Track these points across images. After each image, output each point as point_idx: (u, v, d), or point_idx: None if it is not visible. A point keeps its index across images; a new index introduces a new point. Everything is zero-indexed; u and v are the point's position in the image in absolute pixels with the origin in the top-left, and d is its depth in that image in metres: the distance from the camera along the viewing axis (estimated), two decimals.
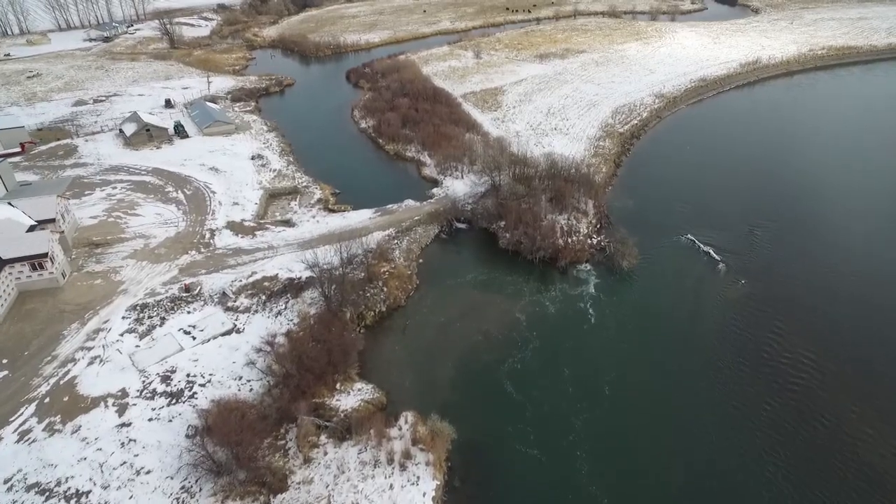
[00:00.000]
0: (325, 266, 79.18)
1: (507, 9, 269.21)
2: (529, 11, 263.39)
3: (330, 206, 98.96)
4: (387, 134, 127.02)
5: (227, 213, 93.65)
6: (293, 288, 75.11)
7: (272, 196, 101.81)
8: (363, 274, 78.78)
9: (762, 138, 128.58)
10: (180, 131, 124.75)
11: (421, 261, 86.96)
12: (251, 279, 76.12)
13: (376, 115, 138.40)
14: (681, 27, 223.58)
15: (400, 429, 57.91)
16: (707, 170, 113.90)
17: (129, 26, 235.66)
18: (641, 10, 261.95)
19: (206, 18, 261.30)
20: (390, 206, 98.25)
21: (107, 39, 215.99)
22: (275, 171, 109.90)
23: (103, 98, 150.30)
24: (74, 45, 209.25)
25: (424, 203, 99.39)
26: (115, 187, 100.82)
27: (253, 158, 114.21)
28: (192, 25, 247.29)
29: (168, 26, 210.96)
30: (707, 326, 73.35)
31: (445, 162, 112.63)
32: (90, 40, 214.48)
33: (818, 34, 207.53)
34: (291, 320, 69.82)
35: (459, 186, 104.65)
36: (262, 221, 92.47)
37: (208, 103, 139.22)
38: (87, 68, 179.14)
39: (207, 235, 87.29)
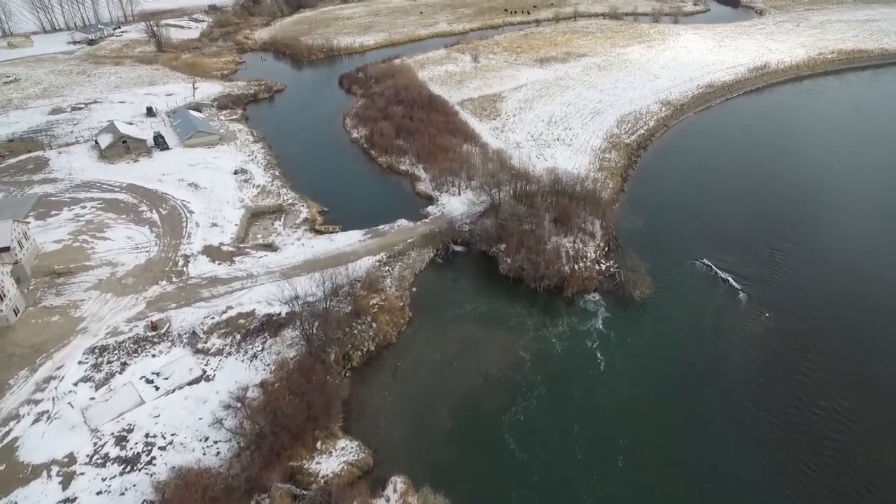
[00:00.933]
0: (307, 299, 71.81)
1: (506, 10, 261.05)
2: (528, 13, 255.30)
3: (317, 227, 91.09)
4: (379, 145, 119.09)
5: (204, 236, 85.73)
6: (272, 326, 67.35)
7: (255, 215, 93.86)
8: (350, 307, 71.08)
9: (776, 149, 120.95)
10: (160, 143, 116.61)
11: (414, 289, 79.18)
12: (225, 315, 68.26)
13: (369, 124, 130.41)
14: (684, 29, 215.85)
15: (388, 500, 50.33)
16: (719, 184, 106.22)
17: (115, 28, 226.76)
18: (643, 11, 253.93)
19: (196, 20, 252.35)
20: (382, 226, 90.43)
21: (91, 42, 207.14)
22: (259, 187, 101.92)
23: (82, 106, 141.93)
24: (58, 47, 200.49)
25: (418, 223, 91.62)
26: (84, 206, 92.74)
27: (236, 173, 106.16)
28: (182, 27, 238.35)
29: (155, 29, 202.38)
30: (730, 370, 65.69)
31: (441, 176, 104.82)
32: (74, 43, 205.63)
33: (826, 37, 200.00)
34: (268, 365, 62.07)
35: (456, 204, 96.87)
36: (242, 246, 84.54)
37: (191, 112, 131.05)
38: (69, 73, 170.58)
39: (181, 262, 79.40)
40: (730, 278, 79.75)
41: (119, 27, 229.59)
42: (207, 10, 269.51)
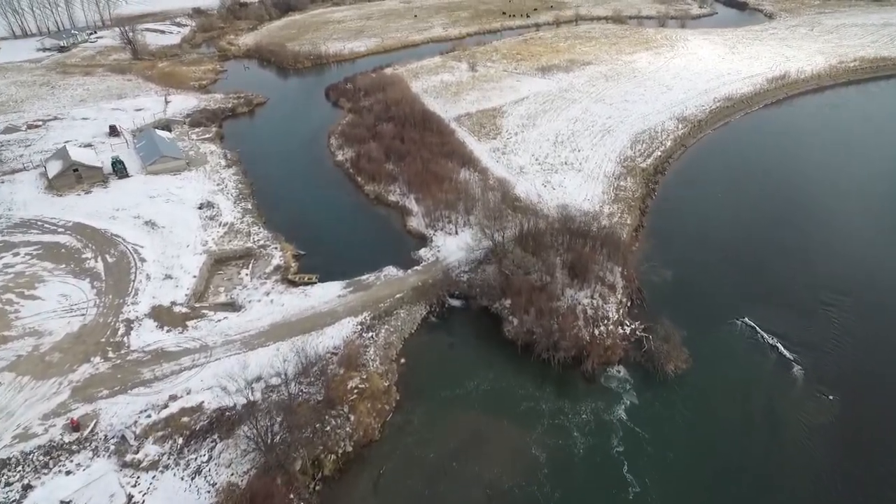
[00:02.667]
0: (270, 381, 57.99)
1: (504, 13, 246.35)
2: (528, 16, 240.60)
3: (290, 277, 76.94)
4: (367, 171, 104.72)
5: (154, 293, 71.39)
6: (223, 424, 53.39)
7: (218, 262, 79.48)
8: (323, 393, 57.26)
9: (811, 173, 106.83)
10: (119, 169, 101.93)
11: (403, 360, 65.17)
12: (166, 412, 54.18)
13: (355, 145, 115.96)
14: (692, 35, 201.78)
15: None
16: (750, 217, 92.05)
17: (90, 34, 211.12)
18: (647, 14, 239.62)
19: (179, 24, 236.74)
20: (366, 276, 76.31)
21: (62, 49, 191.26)
22: (226, 225, 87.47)
23: (39, 123, 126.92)
24: (26, 55, 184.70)
25: (409, 272, 77.51)
26: (17, 253, 78.18)
27: (201, 207, 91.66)
28: (163, 32, 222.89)
29: (130, 35, 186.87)
30: (790, 477, 52.09)
31: (436, 210, 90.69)
32: (44, 50, 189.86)
33: (844, 43, 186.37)
34: (214, 485, 48.20)
35: (453, 246, 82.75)
36: (198, 305, 70.26)
37: (158, 132, 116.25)
38: (31, 84, 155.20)
39: (122, 330, 65.09)
40: (779, 345, 66.01)
41: (95, 32, 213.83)
42: (191, 13, 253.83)
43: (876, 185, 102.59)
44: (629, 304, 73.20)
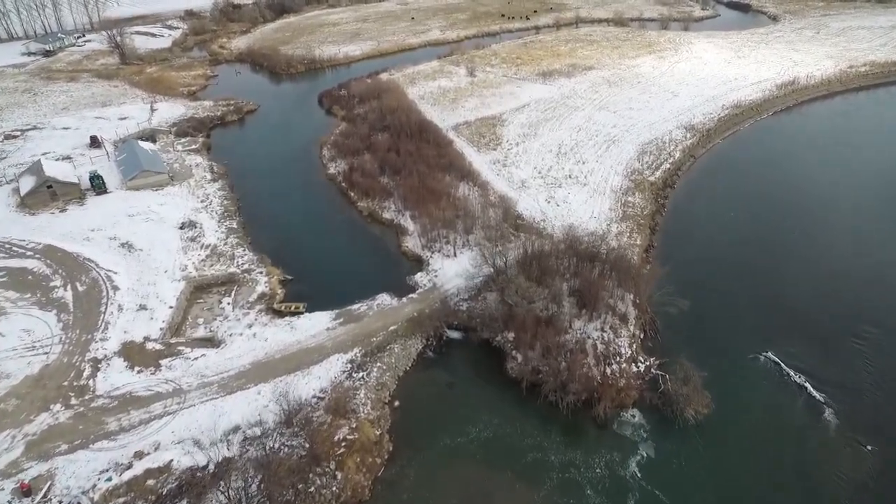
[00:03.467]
0: (248, 432, 52.13)
1: (503, 15, 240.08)
2: (528, 18, 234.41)
3: (276, 306, 70.88)
4: (360, 185, 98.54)
5: (126, 326, 65.24)
6: (194, 487, 47.18)
7: (198, 289, 73.31)
8: (307, 447, 51.29)
9: (831, 188, 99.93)
10: (97, 185, 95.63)
11: (397, 403, 59.13)
12: (129, 472, 48.05)
13: (348, 157, 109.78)
14: (696, 38, 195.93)
15: None
16: (767, 237, 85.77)
17: (78, 37, 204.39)
18: (649, 16, 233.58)
19: (170, 27, 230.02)
20: (357, 305, 70.23)
21: (48, 53, 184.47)
22: (208, 247, 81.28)
23: (17, 133, 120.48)
24: (9, 59, 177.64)
25: (404, 300, 71.46)
26: None
27: (182, 227, 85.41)
28: (154, 35, 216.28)
29: (118, 39, 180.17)
30: None
31: (433, 229, 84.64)
32: (29, 54, 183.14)
33: (852, 46, 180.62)
34: None
35: (451, 270, 76.72)
36: (173, 341, 64.17)
37: (140, 143, 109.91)
38: (13, 91, 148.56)
39: (87, 371, 58.97)
40: (808, 384, 60.13)
41: (83, 35, 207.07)
42: (183, 15, 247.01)
43: None
44: (642, 335, 67.39)
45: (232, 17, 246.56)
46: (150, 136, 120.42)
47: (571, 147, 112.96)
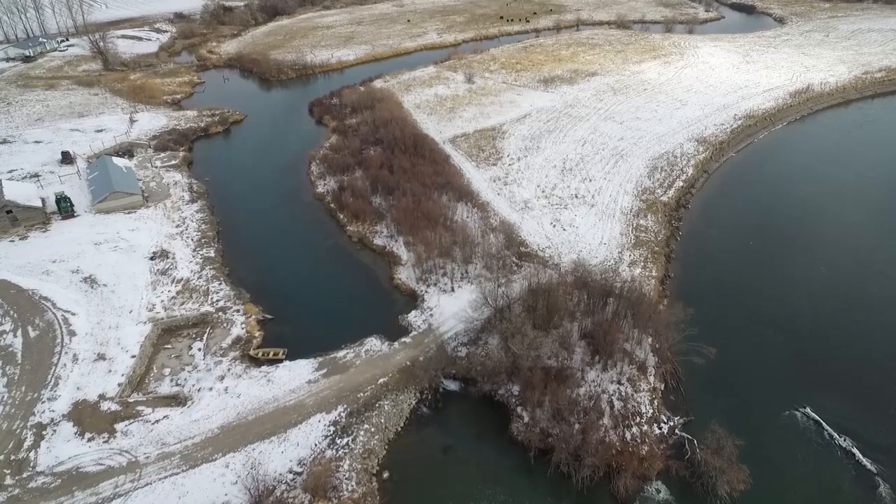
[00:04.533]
0: None
1: (502, 18, 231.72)
2: (527, 21, 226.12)
3: (252, 352, 62.89)
4: (350, 207, 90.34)
5: (79, 381, 57.16)
6: None
7: (167, 333, 65.29)
8: None
9: (859, 208, 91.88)
10: (64, 208, 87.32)
11: (386, 475, 51.26)
12: None
13: (338, 174, 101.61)
14: (702, 41, 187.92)
15: None
16: (793, 269, 77.50)
17: (61, 41, 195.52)
18: (652, 19, 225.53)
19: (158, 31, 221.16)
20: (343, 352, 62.13)
21: (28, 59, 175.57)
22: (180, 281, 73.15)
23: None
24: None
25: (396, 345, 63.50)
26: None
27: (153, 258, 77.23)
28: (140, 39, 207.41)
29: (101, 43, 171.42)
30: None
31: (429, 258, 76.57)
32: (7, 59, 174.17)
33: (864, 50, 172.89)
34: None
35: (449, 308, 68.72)
36: (133, 399, 56.11)
37: (114, 160, 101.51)
38: None
39: (30, 440, 50.82)
40: (855, 449, 52.25)
41: (67, 40, 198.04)
42: (172, 18, 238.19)
43: None
44: (663, 386, 59.61)
45: (223, 20, 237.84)
46: (128, 150, 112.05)
47: (577, 162, 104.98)
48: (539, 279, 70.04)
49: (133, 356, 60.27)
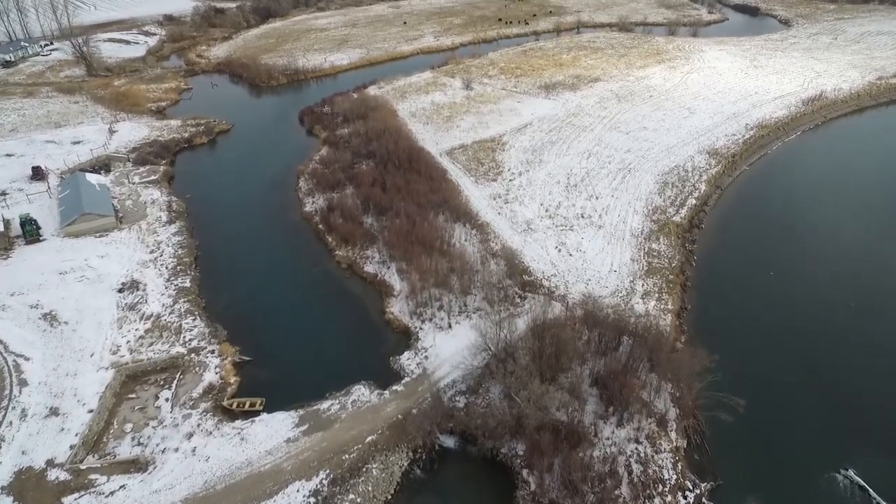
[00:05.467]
0: None
1: (500, 20, 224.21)
2: (527, 23, 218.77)
3: (226, 403, 55.96)
4: (339, 229, 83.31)
5: (26, 444, 50.06)
6: None
7: (131, 379, 58.42)
8: None
9: (879, 226, 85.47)
10: (29, 231, 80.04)
11: None
12: None
13: (328, 191, 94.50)
14: (707, 45, 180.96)
15: None
16: (819, 297, 70.69)
17: (45, 45, 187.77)
18: (654, 21, 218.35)
19: (147, 34, 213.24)
20: (328, 403, 55.17)
21: (7, 64, 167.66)
22: (150, 317, 66.13)
23: None
24: None
25: (387, 394, 56.61)
26: None
27: (122, 290, 70.19)
28: (128, 43, 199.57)
29: (84, 48, 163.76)
30: None
31: (423, 288, 69.68)
32: None
33: (876, 54, 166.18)
34: None
35: (446, 348, 61.86)
36: (85, 465, 49.07)
37: (88, 177, 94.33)
38: None
39: None
40: None
41: (51, 43, 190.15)
42: (162, 21, 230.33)
43: None
44: (686, 444, 52.90)
45: (214, 23, 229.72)
46: (105, 164, 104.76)
47: (582, 178, 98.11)
48: (545, 314, 63.40)
49: (90, 410, 53.24)
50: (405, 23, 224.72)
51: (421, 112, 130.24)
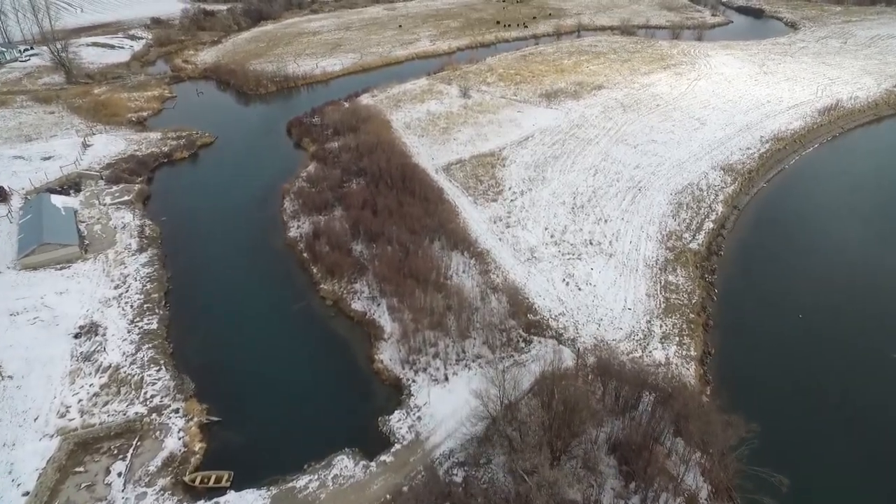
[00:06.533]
0: None
1: (498, 23, 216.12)
2: (525, 26, 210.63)
3: (187, 479, 48.12)
4: (325, 259, 75.04)
5: None
6: None
7: (79, 448, 50.50)
8: None
9: None
10: None
11: None
12: None
13: (314, 213, 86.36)
14: (713, 49, 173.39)
15: None
16: (856, 343, 63.20)
17: (24, 50, 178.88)
18: (657, 23, 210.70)
19: (133, 38, 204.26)
20: (305, 480, 47.21)
21: None
22: (108, 369, 58.19)
23: None
24: None
25: (373, 466, 48.67)
26: None
27: (79, 335, 62.18)
28: (113, 47, 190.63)
29: (62, 53, 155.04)
30: None
31: (417, 330, 61.83)
32: None
33: (889, 59, 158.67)
34: None
35: (442, 407, 53.91)
36: None
37: (54, 198, 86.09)
38: None
39: None
40: None
41: (31, 48, 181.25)
42: (149, 24, 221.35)
43: None
44: None
45: (203, 26, 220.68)
46: (75, 183, 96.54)
47: (588, 197, 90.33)
48: (553, 364, 55.84)
49: (26, 493, 45.35)
50: (400, 26, 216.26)
51: (416, 123, 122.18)
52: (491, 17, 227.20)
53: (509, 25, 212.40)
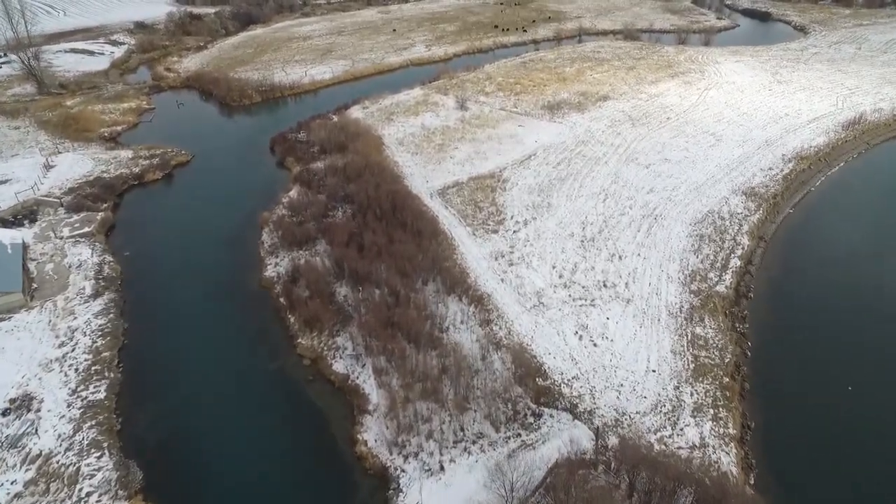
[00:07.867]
0: None
1: (496, 27, 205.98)
2: (525, 30, 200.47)
3: None
4: (304, 309, 64.62)
5: None
6: None
7: None
8: None
9: None
10: None
11: None
12: None
13: (295, 248, 76.56)
14: (721, 55, 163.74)
15: None
16: None
17: None
18: (661, 27, 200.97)
19: (114, 43, 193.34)
20: None
21: None
22: (38, 458, 48.44)
23: None
24: None
25: None
26: None
27: (6, 413, 52.23)
28: (92, 53, 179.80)
29: (32, 62, 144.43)
30: None
31: (408, 400, 52.36)
32: None
33: None
34: None
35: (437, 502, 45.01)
36: None
37: (2, 233, 76.12)
38: None
39: None
40: None
41: (5, 55, 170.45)
42: (133, 28, 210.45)
43: None
44: None
45: (189, 31, 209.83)
46: (31, 211, 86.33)
47: (599, 228, 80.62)
48: (569, 449, 46.50)
49: None
50: (395, 30, 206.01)
51: (409, 139, 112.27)
52: (489, 20, 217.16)
53: (508, 30, 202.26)
